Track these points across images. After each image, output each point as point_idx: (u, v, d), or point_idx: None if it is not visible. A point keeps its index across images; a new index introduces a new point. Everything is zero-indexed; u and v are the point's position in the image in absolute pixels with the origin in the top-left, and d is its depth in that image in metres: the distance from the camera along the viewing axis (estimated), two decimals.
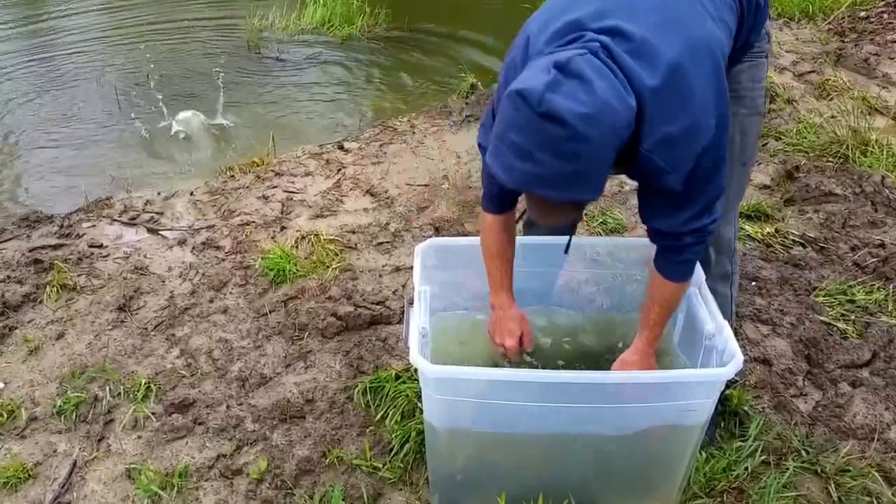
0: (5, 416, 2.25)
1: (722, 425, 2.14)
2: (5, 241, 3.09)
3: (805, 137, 3.62)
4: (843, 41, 4.76)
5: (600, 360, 2.09)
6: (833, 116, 3.76)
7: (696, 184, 1.52)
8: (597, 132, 1.32)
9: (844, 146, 3.46)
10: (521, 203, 1.72)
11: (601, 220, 3.09)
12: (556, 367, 2.04)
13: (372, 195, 3.37)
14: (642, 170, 1.50)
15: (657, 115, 1.42)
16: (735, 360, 1.63)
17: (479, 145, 1.73)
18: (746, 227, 2.98)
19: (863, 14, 5.04)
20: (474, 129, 3.90)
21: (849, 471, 2.03)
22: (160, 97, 4.47)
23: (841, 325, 2.51)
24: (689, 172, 1.49)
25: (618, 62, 1.40)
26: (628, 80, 1.40)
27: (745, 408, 2.18)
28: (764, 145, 3.62)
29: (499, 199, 1.82)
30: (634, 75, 1.40)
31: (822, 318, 2.54)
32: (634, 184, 1.82)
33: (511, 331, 1.93)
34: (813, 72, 4.33)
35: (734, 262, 2.02)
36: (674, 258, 1.71)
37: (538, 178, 1.36)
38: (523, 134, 1.34)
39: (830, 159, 3.44)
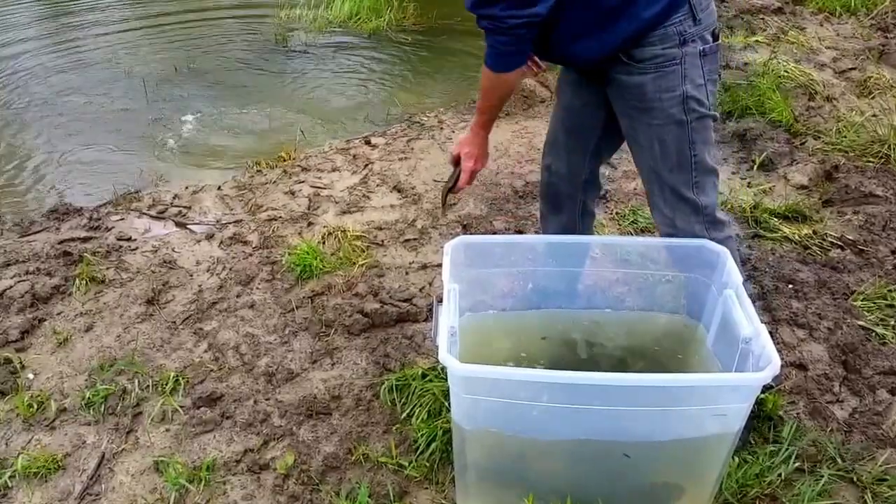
0: (35, 407, 2.27)
1: (755, 430, 2.09)
2: (35, 233, 3.13)
3: (845, 136, 3.54)
4: (887, 37, 4.64)
5: (630, 361, 2.07)
6: (875, 115, 3.66)
7: None
8: None
9: (886, 146, 3.38)
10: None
11: (632, 219, 3.05)
12: (586, 369, 2.01)
13: (399, 191, 3.35)
14: None
15: None
16: (772, 364, 1.58)
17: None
18: (784, 227, 2.93)
19: None
20: (503, 125, 3.88)
21: (886, 480, 1.97)
22: (187, 90, 4.50)
23: (880, 330, 2.45)
24: None
25: None
26: None
27: (780, 413, 2.13)
28: (802, 144, 3.55)
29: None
30: None
31: (861, 323, 2.48)
32: None
33: (483, 156, 2.12)
34: (854, 68, 4.23)
35: (719, 226, 2.00)
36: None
37: None
38: None
39: (871, 159, 3.37)
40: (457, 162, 2.15)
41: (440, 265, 1.94)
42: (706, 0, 1.82)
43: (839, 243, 2.87)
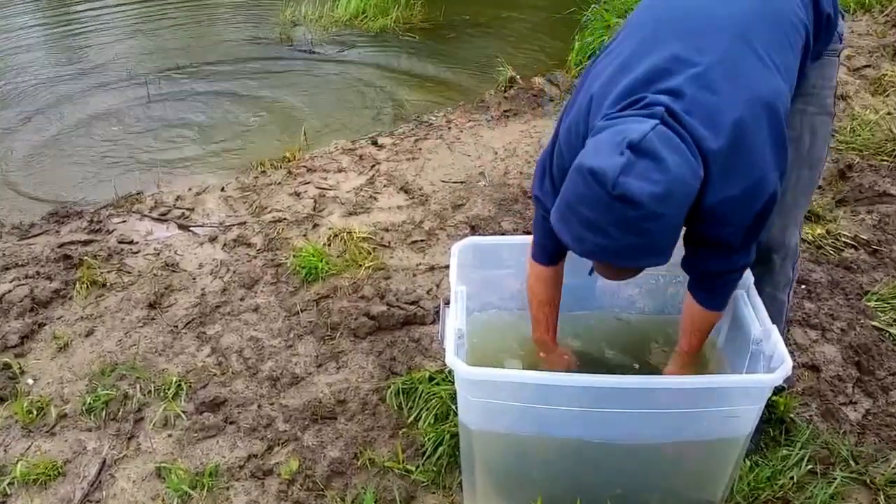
0: (35, 413, 2.25)
1: (767, 433, 2.06)
2: (34, 236, 3.11)
3: (859, 135, 3.50)
4: None
5: (640, 363, 2.04)
6: (889, 113, 3.63)
7: (751, 232, 1.55)
8: (670, 209, 1.36)
9: None
10: None
11: None
12: (596, 371, 1.98)
13: (406, 192, 3.32)
14: (700, 222, 1.50)
15: (720, 177, 1.43)
16: (784, 365, 1.56)
17: (535, 197, 1.73)
18: None
19: None
20: (512, 125, 3.85)
21: None
22: (190, 89, 4.48)
23: (894, 330, 2.42)
24: (748, 226, 1.52)
25: (684, 126, 1.39)
26: (695, 143, 1.40)
27: (792, 415, 2.10)
28: None
29: (553, 254, 1.82)
30: (700, 138, 1.40)
31: (874, 324, 2.45)
32: None
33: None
34: (869, 66, 4.19)
35: (796, 270, 1.97)
36: (718, 291, 1.73)
37: (609, 251, 1.40)
38: (595, 211, 1.36)
39: (886, 158, 3.33)
40: None
41: (448, 267, 1.91)
42: None
43: (852, 243, 2.84)
